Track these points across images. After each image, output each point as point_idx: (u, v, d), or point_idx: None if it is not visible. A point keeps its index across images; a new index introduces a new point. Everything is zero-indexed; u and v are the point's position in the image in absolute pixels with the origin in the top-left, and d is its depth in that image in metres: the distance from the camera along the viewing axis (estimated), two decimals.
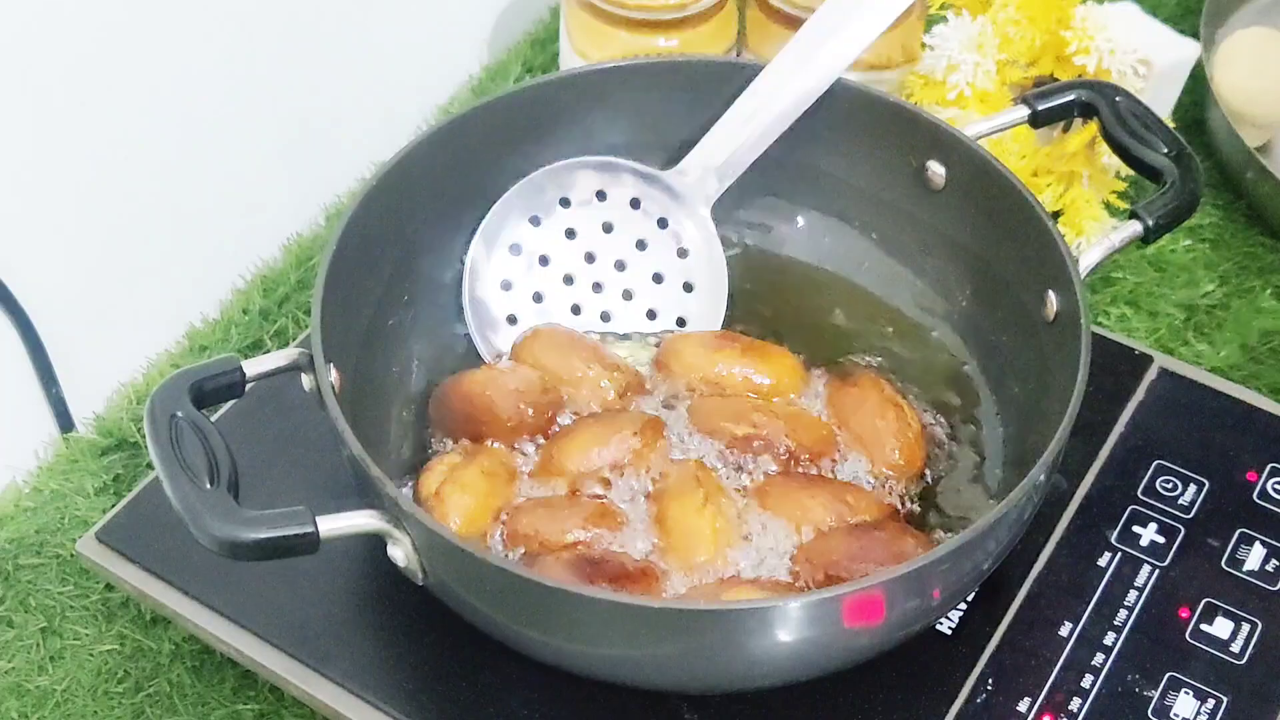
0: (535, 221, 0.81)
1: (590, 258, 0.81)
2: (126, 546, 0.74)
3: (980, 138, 0.77)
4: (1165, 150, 0.74)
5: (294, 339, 0.88)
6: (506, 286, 0.81)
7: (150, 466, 0.79)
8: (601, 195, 0.81)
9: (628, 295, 0.82)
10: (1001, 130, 0.78)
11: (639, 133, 0.82)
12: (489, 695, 0.69)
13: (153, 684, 0.75)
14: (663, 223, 0.81)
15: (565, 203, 0.81)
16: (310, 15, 0.92)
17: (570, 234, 0.81)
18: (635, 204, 0.81)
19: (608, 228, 0.81)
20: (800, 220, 0.84)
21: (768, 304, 0.83)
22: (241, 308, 0.91)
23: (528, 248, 0.81)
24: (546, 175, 0.80)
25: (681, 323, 0.81)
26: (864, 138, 0.80)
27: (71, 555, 0.78)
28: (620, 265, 0.82)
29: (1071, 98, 0.77)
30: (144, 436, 0.64)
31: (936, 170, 0.78)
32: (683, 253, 0.81)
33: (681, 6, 0.93)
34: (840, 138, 0.81)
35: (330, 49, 0.95)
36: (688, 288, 0.81)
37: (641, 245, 0.81)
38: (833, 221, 0.84)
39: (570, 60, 0.97)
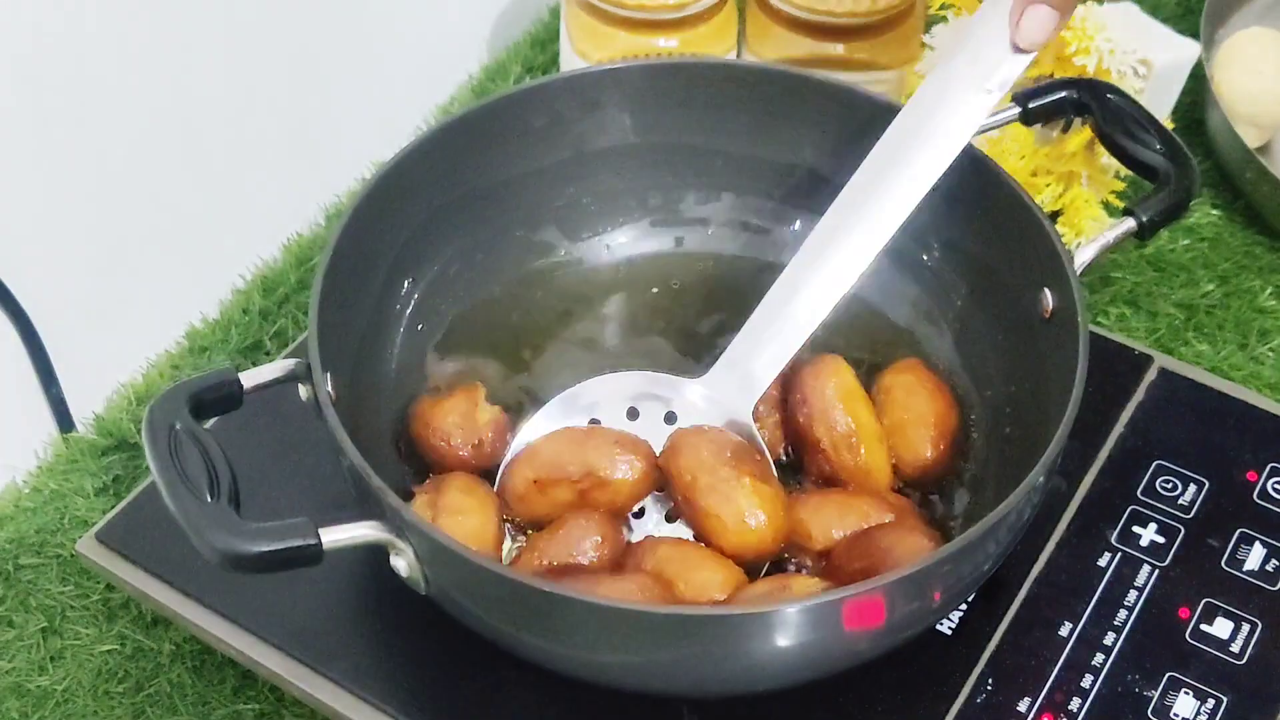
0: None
1: None
2: (127, 547, 0.74)
3: (972, 135, 0.77)
4: (1159, 148, 0.74)
5: (293, 339, 0.88)
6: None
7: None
8: (633, 414, 0.75)
9: (670, 518, 0.74)
10: (993, 128, 0.78)
11: (638, 134, 0.82)
12: (489, 695, 0.69)
13: (153, 684, 0.75)
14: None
15: (594, 425, 0.75)
16: (310, 15, 0.92)
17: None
18: (670, 419, 0.75)
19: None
20: (797, 223, 0.84)
21: None
22: (241, 308, 0.91)
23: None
24: (569, 399, 0.75)
25: None
26: (857, 139, 0.80)
27: (71, 555, 0.78)
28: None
29: (1063, 95, 0.77)
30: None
31: None
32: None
33: (681, 6, 0.93)
34: (834, 139, 0.81)
35: (330, 49, 0.95)
36: None
37: None
38: None
39: (570, 60, 0.97)
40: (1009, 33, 0.72)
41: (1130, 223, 0.72)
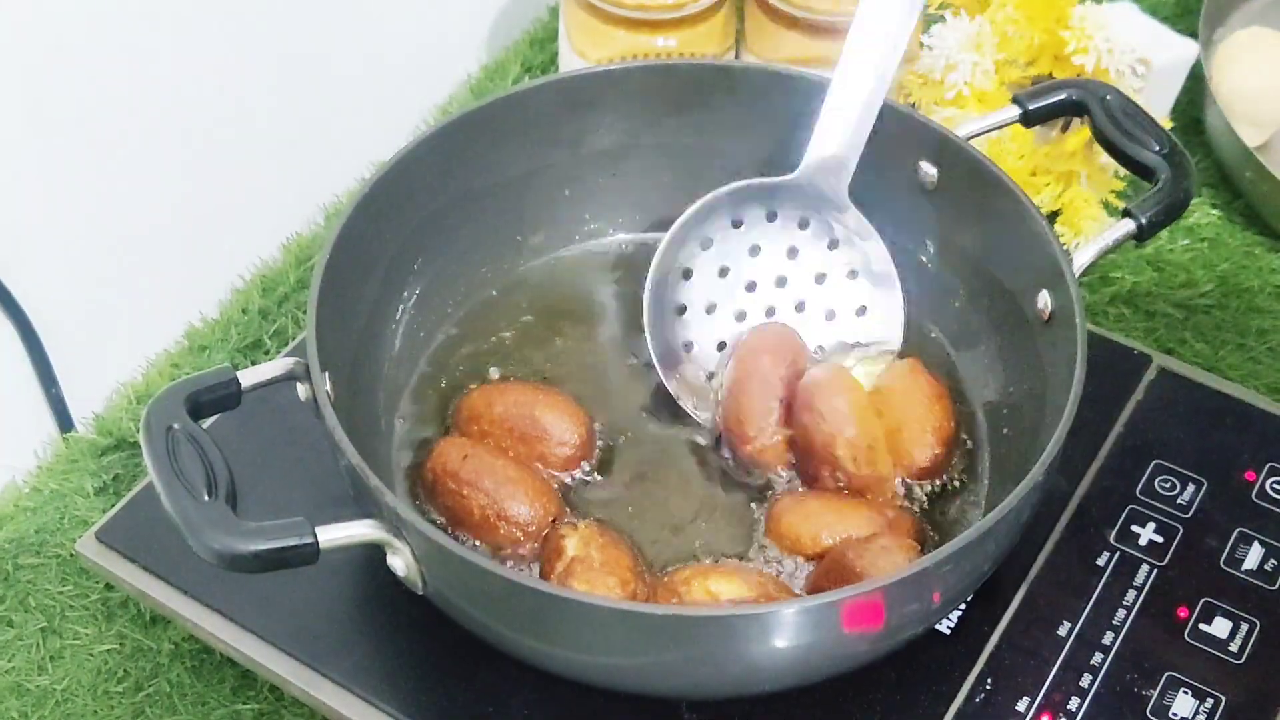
0: (688, 275, 0.79)
1: (752, 286, 0.80)
2: (126, 546, 0.74)
3: (972, 137, 0.77)
4: (1157, 148, 0.74)
5: (293, 338, 0.88)
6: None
7: None
8: (738, 223, 0.79)
9: (800, 306, 0.81)
10: (993, 130, 0.78)
11: (637, 134, 0.82)
12: (489, 694, 0.69)
13: (152, 684, 0.75)
14: (804, 224, 0.80)
15: (707, 243, 0.79)
16: (310, 15, 0.92)
17: (723, 273, 0.80)
18: (771, 217, 0.80)
19: (754, 251, 0.80)
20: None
21: None
22: (241, 307, 0.91)
23: (689, 304, 0.80)
24: (680, 231, 0.78)
25: (862, 310, 0.80)
26: None
27: (71, 555, 0.79)
28: (781, 281, 0.81)
29: (1062, 96, 0.77)
30: None
31: (928, 171, 0.78)
32: (833, 244, 0.80)
33: (680, 6, 0.93)
34: None
35: (330, 49, 0.95)
36: (852, 274, 0.80)
37: (793, 254, 0.80)
38: None
39: (569, 60, 0.97)
40: None
41: (1129, 224, 0.72)
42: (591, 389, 0.79)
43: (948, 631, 0.71)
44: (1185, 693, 0.69)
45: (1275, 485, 0.77)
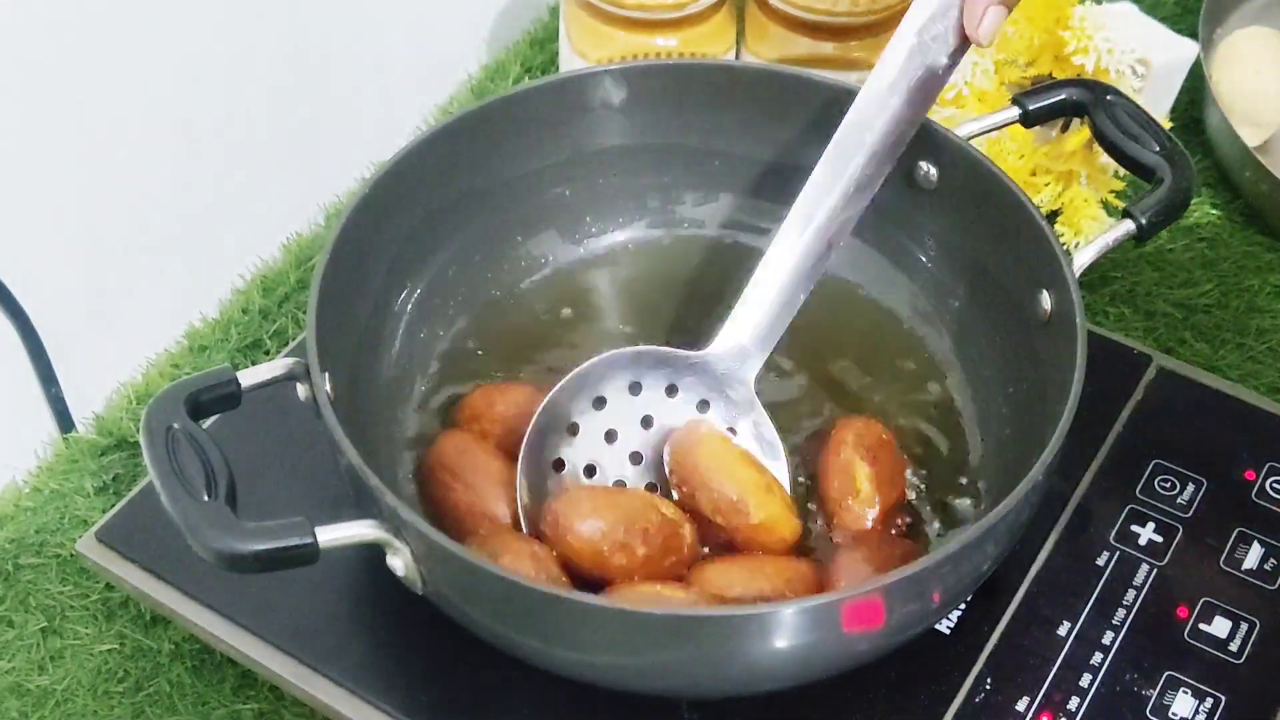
0: (574, 430, 0.74)
1: (637, 458, 0.75)
2: (126, 546, 0.74)
3: (972, 138, 0.77)
4: (1157, 148, 0.74)
5: (293, 338, 0.88)
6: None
7: None
8: (636, 388, 0.75)
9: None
10: (993, 130, 0.78)
11: (636, 135, 0.82)
12: (489, 694, 0.69)
13: (152, 683, 0.75)
14: (703, 406, 0.75)
15: (600, 403, 0.75)
16: (309, 15, 0.92)
17: (610, 437, 0.75)
18: (672, 392, 0.75)
19: (647, 422, 0.75)
20: None
21: None
22: (241, 307, 0.91)
23: (569, 461, 0.74)
24: (575, 381, 0.73)
25: None
26: None
27: (71, 555, 0.79)
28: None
29: (1062, 96, 0.77)
30: None
31: (928, 171, 0.78)
32: (731, 433, 0.75)
33: (680, 6, 0.93)
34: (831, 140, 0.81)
35: (330, 49, 0.95)
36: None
37: None
38: None
39: (569, 60, 0.97)
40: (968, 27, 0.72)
41: (1129, 225, 0.72)
42: None
43: (947, 631, 0.71)
44: (1185, 692, 0.69)
45: (1275, 485, 0.77)
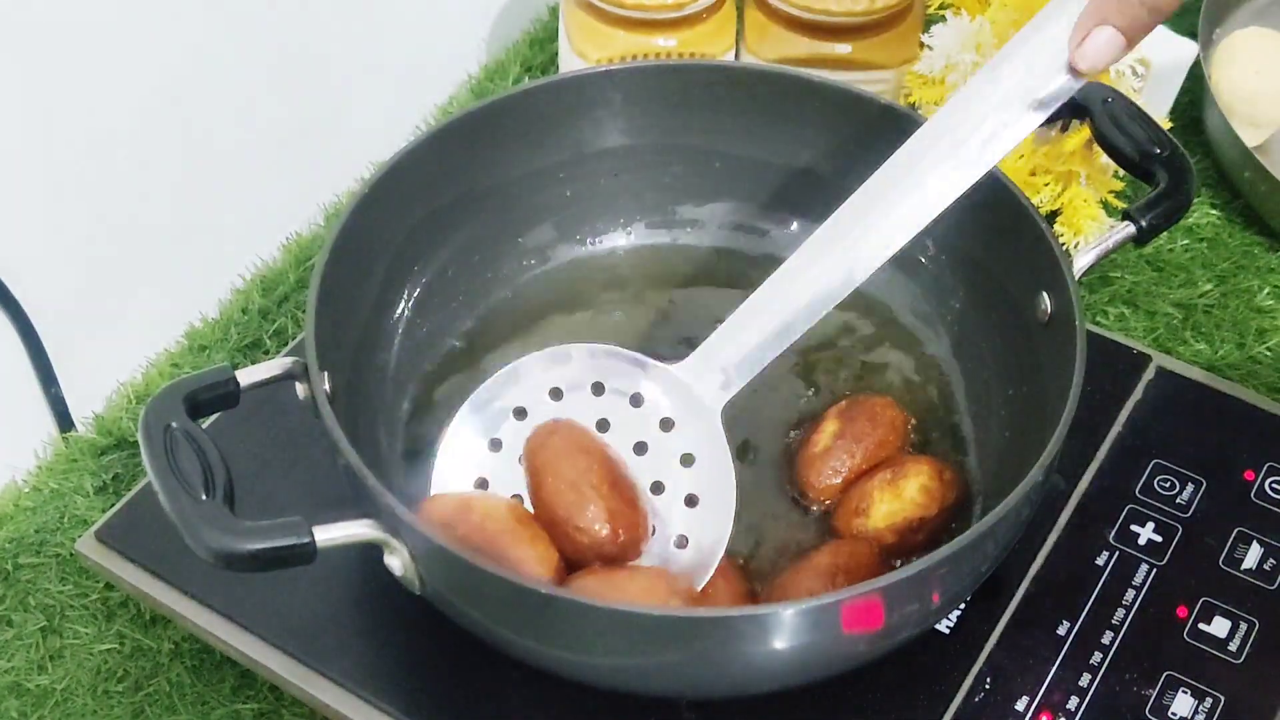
0: (520, 414, 0.71)
1: None
2: (126, 546, 0.74)
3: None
4: (1157, 150, 0.74)
5: (293, 338, 0.88)
6: (482, 485, 0.71)
7: None
8: (598, 388, 0.72)
9: None
10: None
11: (636, 135, 0.82)
12: (489, 694, 0.69)
13: (152, 683, 0.75)
14: (666, 424, 0.71)
15: (556, 394, 0.71)
16: (309, 15, 0.92)
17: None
18: (636, 401, 0.72)
19: (603, 426, 0.71)
20: (794, 224, 0.84)
21: None
22: (241, 307, 0.91)
23: (509, 443, 0.71)
24: (533, 362, 0.71)
25: (682, 542, 0.69)
26: (855, 140, 0.80)
27: (71, 555, 0.79)
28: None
29: None
30: None
31: None
32: (687, 460, 0.71)
33: (680, 6, 0.93)
34: (831, 140, 0.81)
35: (330, 49, 0.95)
36: (690, 501, 0.70)
37: (641, 449, 0.71)
38: None
39: (569, 60, 0.97)
40: (1068, 52, 0.66)
41: (1129, 228, 0.72)
42: None
43: (947, 631, 0.71)
44: (1184, 692, 0.69)
45: (1274, 485, 0.77)
